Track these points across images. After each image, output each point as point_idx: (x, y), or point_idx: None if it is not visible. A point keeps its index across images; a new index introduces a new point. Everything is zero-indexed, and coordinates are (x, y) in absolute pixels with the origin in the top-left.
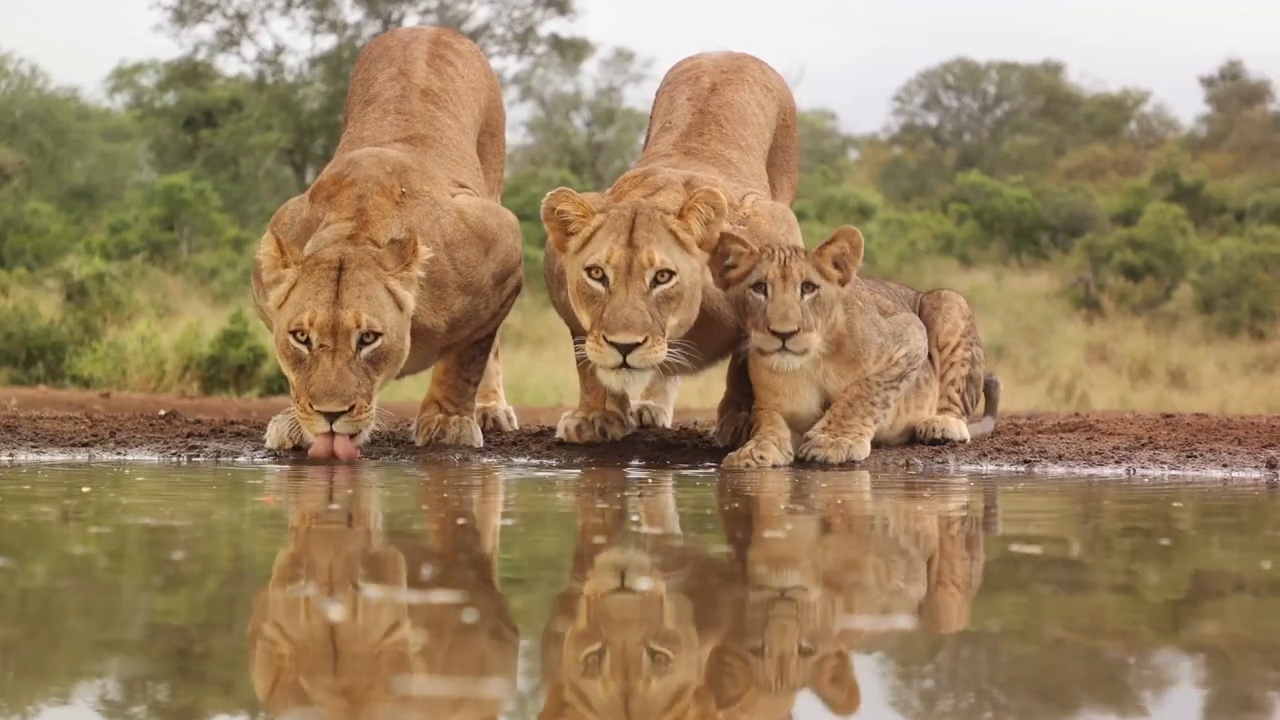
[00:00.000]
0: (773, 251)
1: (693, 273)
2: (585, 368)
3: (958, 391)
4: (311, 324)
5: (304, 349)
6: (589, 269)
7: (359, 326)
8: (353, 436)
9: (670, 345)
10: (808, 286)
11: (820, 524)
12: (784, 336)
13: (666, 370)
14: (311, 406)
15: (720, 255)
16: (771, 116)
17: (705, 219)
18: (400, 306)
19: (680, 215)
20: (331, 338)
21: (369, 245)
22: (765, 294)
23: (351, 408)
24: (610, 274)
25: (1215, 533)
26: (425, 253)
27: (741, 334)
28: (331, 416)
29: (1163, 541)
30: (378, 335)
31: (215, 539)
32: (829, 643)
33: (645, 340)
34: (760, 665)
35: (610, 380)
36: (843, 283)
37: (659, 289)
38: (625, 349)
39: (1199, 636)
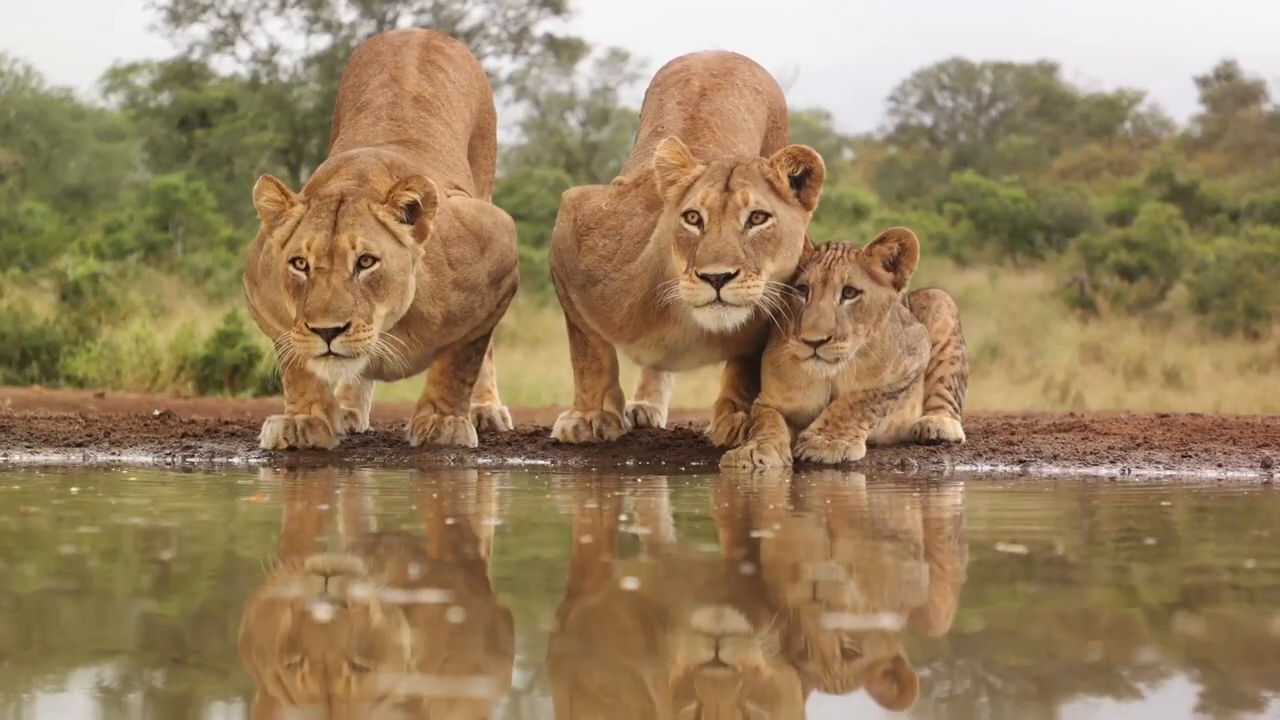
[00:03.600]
0: (821, 252)
1: (793, 221)
2: (581, 367)
3: (949, 389)
4: (309, 248)
5: (302, 275)
6: (686, 214)
7: (354, 249)
8: (352, 359)
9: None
10: (849, 291)
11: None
12: (814, 345)
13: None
14: (308, 326)
15: None
16: (761, 120)
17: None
18: (397, 239)
19: (772, 165)
20: (328, 260)
21: (369, 188)
22: (806, 297)
23: (348, 325)
24: (705, 215)
25: (1210, 532)
26: (411, 195)
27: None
28: (328, 336)
29: (1149, 541)
30: (375, 259)
31: (207, 538)
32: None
33: (738, 273)
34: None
35: (705, 318)
36: (896, 285)
37: (754, 229)
38: (719, 280)
39: (1191, 635)
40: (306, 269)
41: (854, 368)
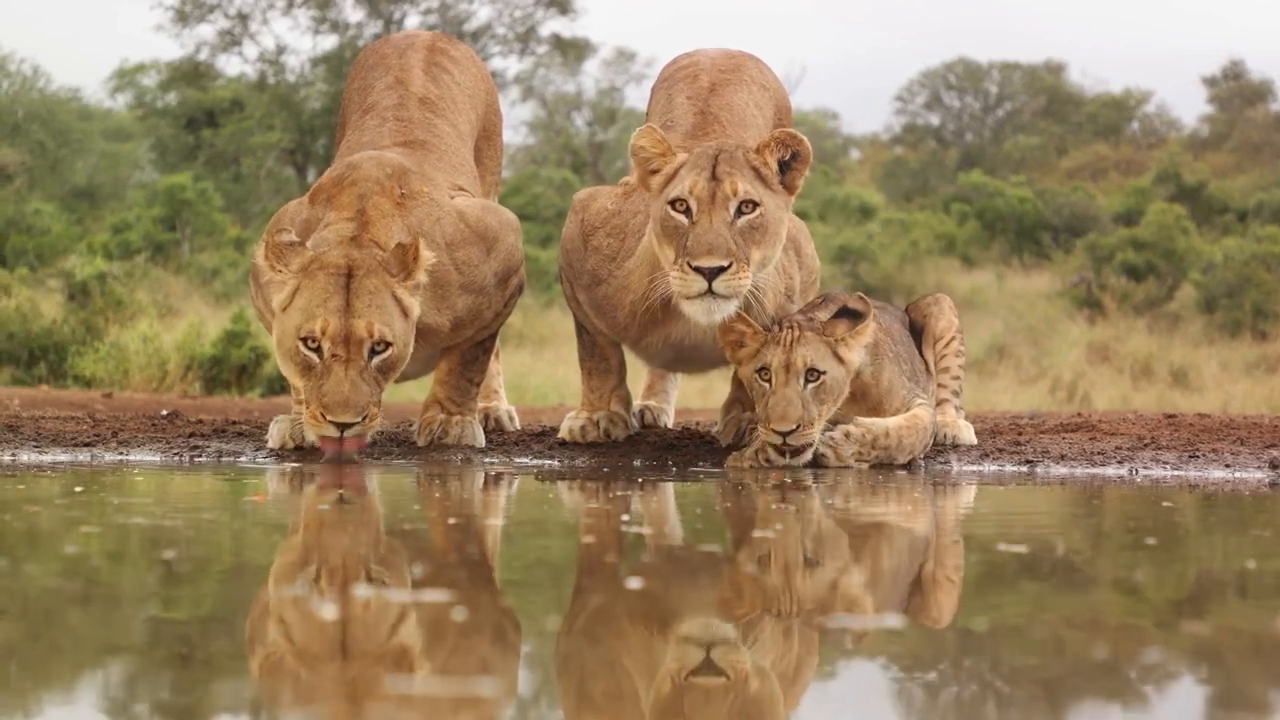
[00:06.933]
0: (778, 334)
1: (777, 208)
2: (589, 368)
3: (954, 379)
4: (324, 332)
5: (314, 356)
6: (673, 202)
7: (371, 336)
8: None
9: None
10: (811, 374)
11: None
12: (784, 434)
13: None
14: (324, 416)
15: (727, 333)
16: (769, 117)
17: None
18: (406, 314)
19: (758, 152)
20: (344, 347)
21: (373, 248)
22: (769, 383)
23: (364, 417)
24: (694, 205)
25: (1218, 530)
26: (428, 258)
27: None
28: (344, 425)
29: (1149, 540)
30: (389, 345)
31: (210, 537)
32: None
33: (730, 265)
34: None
35: (695, 310)
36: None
37: (743, 219)
38: (712, 273)
39: (1199, 634)
40: (318, 350)
41: (854, 410)
